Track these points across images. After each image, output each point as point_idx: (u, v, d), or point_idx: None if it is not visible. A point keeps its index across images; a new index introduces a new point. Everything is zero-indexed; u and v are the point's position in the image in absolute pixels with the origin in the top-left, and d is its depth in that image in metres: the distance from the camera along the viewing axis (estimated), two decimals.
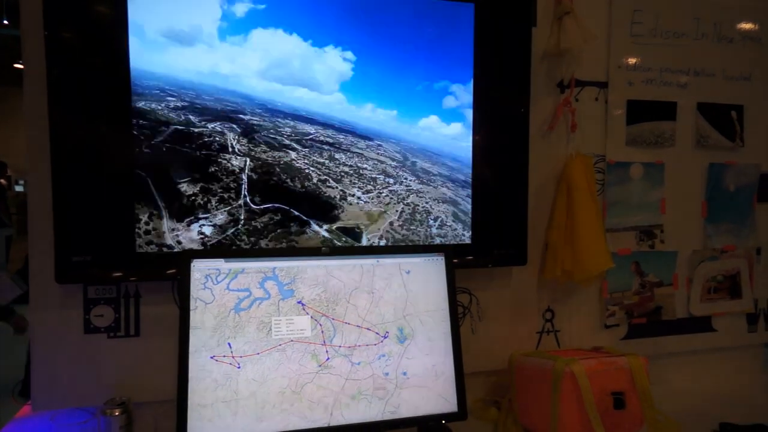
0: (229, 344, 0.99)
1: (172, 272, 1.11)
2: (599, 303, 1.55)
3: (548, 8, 1.43)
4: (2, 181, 6.08)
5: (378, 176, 1.28)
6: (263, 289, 1.04)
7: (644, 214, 1.57)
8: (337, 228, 1.25)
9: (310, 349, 1.04)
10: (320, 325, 1.05)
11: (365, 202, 1.27)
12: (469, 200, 1.34)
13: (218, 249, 1.13)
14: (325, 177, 1.24)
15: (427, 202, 1.30)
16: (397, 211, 1.28)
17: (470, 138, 1.33)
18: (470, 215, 1.34)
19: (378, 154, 1.27)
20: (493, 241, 1.37)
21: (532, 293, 1.48)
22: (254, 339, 1.01)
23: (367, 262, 1.11)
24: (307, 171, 1.22)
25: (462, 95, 1.31)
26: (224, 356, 0.99)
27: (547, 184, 1.47)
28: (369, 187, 1.26)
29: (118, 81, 1.08)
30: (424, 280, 1.14)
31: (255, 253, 1.09)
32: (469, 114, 1.33)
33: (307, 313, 1.05)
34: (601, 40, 1.49)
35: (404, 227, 1.28)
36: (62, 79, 1.05)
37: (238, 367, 0.99)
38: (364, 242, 1.26)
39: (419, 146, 1.31)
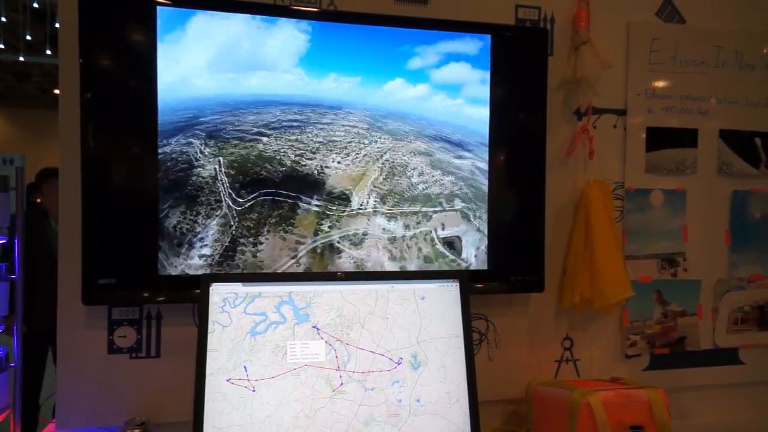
0: (245, 367, 1.01)
1: (192, 294, 1.14)
2: (620, 332, 1.52)
3: (565, 37, 1.45)
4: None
5: (352, 141, 1.28)
6: (279, 313, 1.06)
7: (666, 241, 1.55)
8: (326, 196, 1.27)
9: (324, 374, 1.05)
10: (334, 350, 1.06)
11: (345, 166, 1.28)
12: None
13: (236, 273, 1.16)
14: (301, 152, 1.25)
15: (403, 155, 1.31)
16: (376, 169, 1.29)
17: (486, 162, 1.34)
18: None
19: (348, 121, 1.28)
20: (510, 268, 1.37)
21: (550, 321, 1.47)
22: (269, 363, 1.02)
23: (382, 287, 1.12)
24: (282, 152, 1.24)
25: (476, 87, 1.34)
26: (240, 379, 1.01)
27: (565, 211, 1.46)
28: (345, 152, 1.28)
29: None
30: (438, 306, 1.14)
31: (272, 277, 1.11)
32: (485, 141, 1.34)
33: (322, 338, 1.06)
34: (619, 67, 1.50)
35: (387, 181, 1.30)
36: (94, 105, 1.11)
37: (254, 391, 1.00)
38: (355, 203, 1.28)
39: (387, 110, 1.30)
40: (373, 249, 1.29)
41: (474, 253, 1.34)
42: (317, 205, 1.26)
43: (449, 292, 1.16)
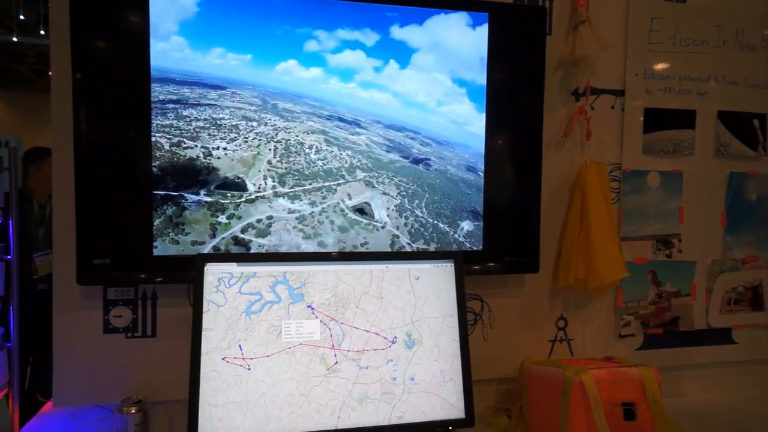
0: (240, 346, 1.02)
1: (187, 275, 1.14)
2: (614, 312, 1.53)
3: (564, 17, 1.43)
4: None
5: (239, 122, 1.20)
6: (274, 292, 1.06)
7: (661, 223, 1.55)
8: (216, 188, 1.19)
9: (319, 352, 1.05)
10: (329, 329, 1.07)
11: (233, 150, 1.21)
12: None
13: (231, 253, 1.17)
14: (178, 139, 1.16)
15: (297, 135, 1.25)
16: (269, 150, 1.23)
17: (483, 145, 1.34)
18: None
19: (234, 101, 1.21)
20: (505, 249, 1.37)
21: (544, 301, 1.48)
22: (264, 341, 1.03)
23: (377, 267, 1.12)
24: (153, 139, 1.14)
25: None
26: (235, 358, 1.01)
27: (561, 192, 1.46)
28: (233, 135, 1.21)
29: None
30: (433, 286, 1.15)
31: (267, 257, 1.11)
32: (482, 121, 1.33)
33: (317, 317, 1.07)
34: (618, 47, 1.48)
35: (283, 161, 1.24)
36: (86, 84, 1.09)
37: (249, 369, 1.01)
38: (251, 187, 1.21)
39: (279, 90, 1.24)
40: (283, 233, 1.24)
41: (386, 213, 1.29)
42: (207, 197, 1.18)
43: (444, 272, 1.16)
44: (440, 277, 1.16)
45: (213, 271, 1.04)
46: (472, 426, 1.10)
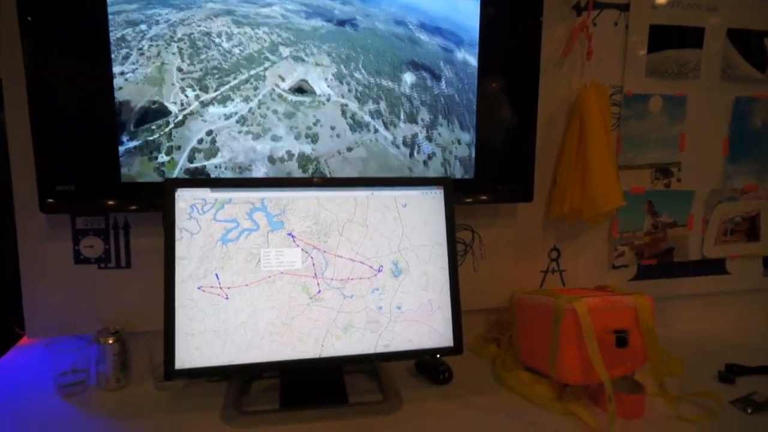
0: (216, 275, 0.97)
1: (159, 203, 1.07)
2: (608, 243, 1.49)
3: None
4: None
5: (124, 32, 1.04)
6: (251, 220, 1.00)
7: (661, 150, 1.48)
8: (136, 125, 1.05)
9: (301, 281, 1.01)
10: (311, 257, 1.02)
11: (132, 71, 1.05)
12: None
13: (203, 179, 1.09)
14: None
15: (199, 25, 1.09)
16: (173, 54, 1.07)
17: (475, 67, 1.24)
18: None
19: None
20: (497, 177, 1.30)
21: (537, 231, 1.43)
22: (242, 270, 0.98)
23: (361, 194, 1.06)
24: None
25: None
26: (212, 287, 0.96)
27: (558, 117, 1.38)
28: (123, 51, 1.04)
29: None
30: (421, 214, 1.09)
31: (242, 182, 1.04)
32: (475, 36, 1.23)
33: (298, 246, 1.01)
34: None
35: (195, 62, 1.08)
36: None
37: (226, 298, 0.97)
38: (173, 108, 1.07)
39: None
40: (231, 143, 1.12)
41: (326, 85, 1.16)
42: (133, 142, 1.06)
43: (432, 199, 1.10)
44: (429, 204, 1.10)
45: (185, 197, 0.97)
46: (461, 354, 1.07)
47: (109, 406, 1.02)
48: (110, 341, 1.07)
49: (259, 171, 1.14)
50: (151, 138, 1.08)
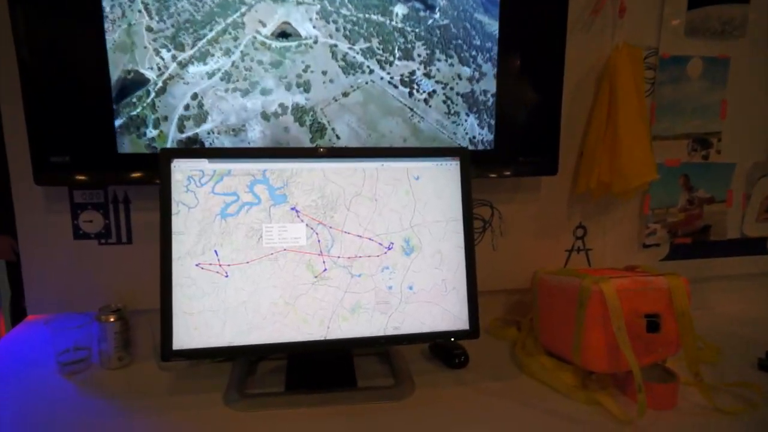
0: (215, 252, 0.91)
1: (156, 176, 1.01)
2: (638, 220, 1.39)
3: None
4: None
5: None
6: (252, 193, 0.93)
7: (700, 119, 1.36)
8: (117, 99, 0.98)
9: (305, 259, 0.94)
10: (316, 233, 0.95)
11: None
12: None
13: (201, 149, 1.03)
14: None
15: None
16: (139, 12, 0.98)
17: (497, 25, 1.14)
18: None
19: None
20: (519, 148, 1.21)
21: (562, 208, 1.34)
22: (243, 247, 0.92)
23: (371, 165, 0.98)
24: None
25: None
26: (211, 264, 0.91)
27: (587, 83, 1.27)
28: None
29: None
30: (435, 187, 1.01)
31: (242, 152, 0.97)
32: None
33: (302, 221, 0.95)
34: None
35: (165, 18, 0.99)
36: None
37: (226, 276, 0.91)
38: (150, 74, 0.98)
39: None
40: (220, 104, 1.04)
41: (312, 25, 1.06)
42: (117, 120, 0.99)
43: (447, 172, 1.02)
44: (443, 176, 1.02)
45: (181, 169, 0.91)
46: (477, 338, 1.00)
47: (111, 385, 0.98)
48: (111, 319, 1.03)
49: (254, 130, 1.07)
50: (135, 113, 1.02)
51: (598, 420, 0.89)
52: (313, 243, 0.95)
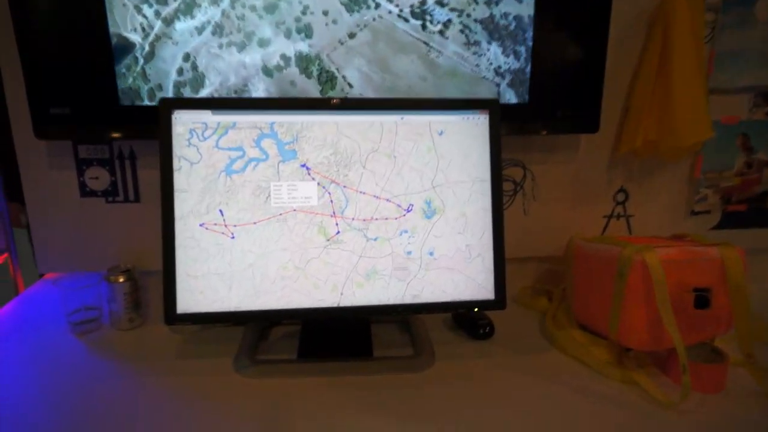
0: (220, 211, 0.85)
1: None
2: (687, 184, 1.26)
3: None
4: None
5: None
6: (259, 148, 0.86)
7: (766, 70, 1.20)
8: None
9: (317, 220, 0.87)
10: (329, 193, 0.88)
11: None
12: None
13: (203, 99, 0.95)
14: None
15: None
16: None
17: None
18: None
19: None
20: (556, 101, 1.09)
21: (602, 169, 1.22)
22: (250, 206, 0.85)
23: (389, 119, 0.89)
24: None
25: None
26: (215, 224, 0.85)
27: (636, 29, 1.13)
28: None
29: None
30: (460, 144, 0.91)
31: (248, 104, 0.89)
32: None
33: (313, 179, 0.87)
34: None
35: None
36: None
37: (232, 237, 0.85)
38: (134, 37, 0.91)
39: None
40: (216, 61, 0.95)
41: None
42: None
43: (475, 127, 0.92)
44: (470, 132, 0.92)
45: (183, 120, 0.84)
46: (503, 308, 0.92)
47: (121, 346, 0.95)
48: (120, 280, 1.00)
49: (258, 89, 0.99)
50: (126, 86, 0.94)
51: (634, 401, 0.81)
52: (325, 203, 0.88)
